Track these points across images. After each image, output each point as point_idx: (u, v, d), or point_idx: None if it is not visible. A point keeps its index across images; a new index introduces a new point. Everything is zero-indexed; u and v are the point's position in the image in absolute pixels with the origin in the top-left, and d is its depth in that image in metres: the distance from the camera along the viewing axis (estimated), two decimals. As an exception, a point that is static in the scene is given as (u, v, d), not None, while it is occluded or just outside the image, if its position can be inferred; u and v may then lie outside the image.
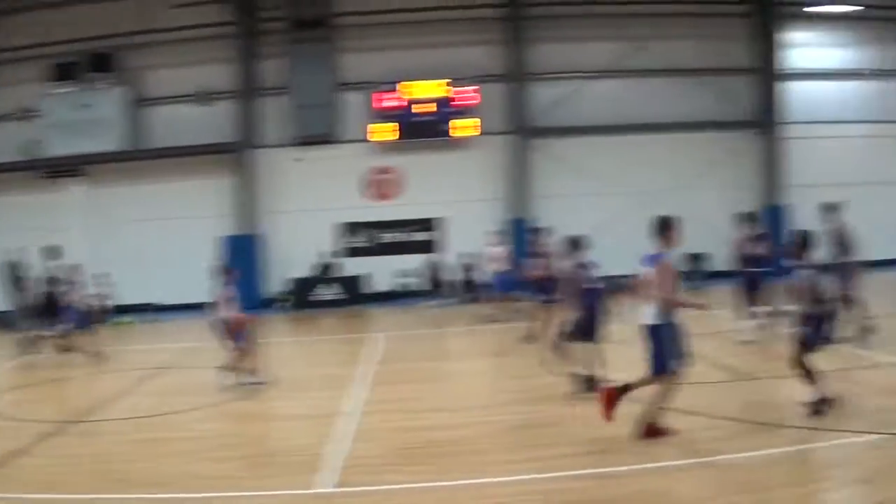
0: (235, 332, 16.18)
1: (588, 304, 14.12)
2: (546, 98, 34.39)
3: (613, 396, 11.49)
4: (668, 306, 11.25)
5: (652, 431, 11.24)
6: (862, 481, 9.35)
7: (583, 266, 14.37)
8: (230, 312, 16.14)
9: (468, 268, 31.67)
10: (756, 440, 10.93)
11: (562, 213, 30.77)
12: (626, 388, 11.51)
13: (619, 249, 30.25)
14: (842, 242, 17.61)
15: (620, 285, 29.40)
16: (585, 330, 14.11)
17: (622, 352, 16.65)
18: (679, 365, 11.36)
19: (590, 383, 14.19)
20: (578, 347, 14.40)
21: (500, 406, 13.97)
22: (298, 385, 16.61)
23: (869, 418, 11.73)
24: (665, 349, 11.24)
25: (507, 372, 18.01)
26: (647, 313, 11.32)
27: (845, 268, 17.10)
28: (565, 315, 14.71)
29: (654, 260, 11.38)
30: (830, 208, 18.25)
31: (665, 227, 11.55)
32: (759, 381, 14.78)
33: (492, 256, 25.53)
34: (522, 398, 14.04)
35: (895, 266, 34.10)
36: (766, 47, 35.46)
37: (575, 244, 14.70)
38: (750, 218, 20.20)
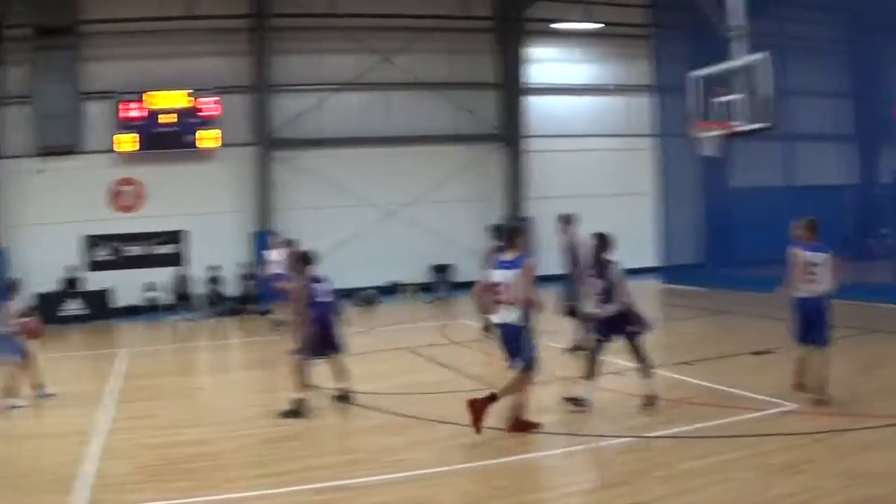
0: (21, 346, 15.77)
1: (320, 317, 14.09)
2: (291, 110, 34.24)
3: (479, 407, 11.57)
4: (530, 307, 11.75)
5: (521, 426, 11.77)
6: (618, 483, 9.68)
7: (315, 280, 14.34)
8: (16, 326, 15.72)
9: (215, 280, 31.38)
10: (509, 446, 11.16)
11: (309, 226, 30.88)
12: (492, 398, 11.66)
13: (366, 261, 30.47)
14: (574, 253, 18.12)
15: (369, 297, 29.71)
16: (323, 344, 14.11)
17: (362, 363, 16.84)
18: (535, 365, 11.89)
19: (342, 396, 14.31)
20: (318, 362, 14.44)
21: (251, 420, 13.82)
22: (47, 402, 16.03)
23: (617, 422, 12.17)
24: (525, 349, 11.72)
25: (258, 385, 17.93)
26: (508, 315, 11.75)
27: (575, 278, 17.69)
28: (300, 330, 14.62)
29: (514, 263, 11.79)
30: (565, 219, 18.80)
31: (516, 233, 12.19)
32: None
33: (274, 260, 25.23)
34: (275, 411, 13.88)
35: (637, 275, 35.48)
36: (511, 62, 36.29)
37: (304, 259, 14.62)
38: (498, 230, 20.61)
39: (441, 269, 34.32)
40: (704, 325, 23.62)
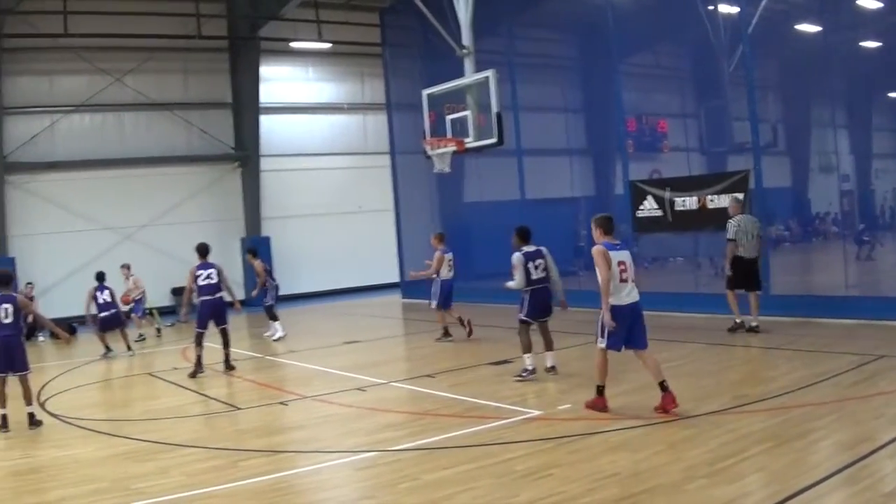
0: None
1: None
2: (24, 132, 33.05)
3: (669, 401, 11.91)
4: None
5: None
6: (364, 497, 9.69)
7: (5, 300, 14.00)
8: None
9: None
10: (257, 466, 10.98)
11: (46, 252, 30.08)
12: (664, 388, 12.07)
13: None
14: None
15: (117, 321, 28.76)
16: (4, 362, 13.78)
17: (106, 390, 16.41)
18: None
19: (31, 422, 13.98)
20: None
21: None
22: None
23: (364, 437, 12.19)
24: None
25: None
26: (634, 293, 12.12)
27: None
28: None
29: (626, 245, 12.38)
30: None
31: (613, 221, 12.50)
32: (247, 410, 14.84)
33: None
34: (14, 443, 13.31)
35: (382, 290, 35.83)
36: (246, 82, 36.10)
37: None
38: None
39: (182, 292, 33.73)
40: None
